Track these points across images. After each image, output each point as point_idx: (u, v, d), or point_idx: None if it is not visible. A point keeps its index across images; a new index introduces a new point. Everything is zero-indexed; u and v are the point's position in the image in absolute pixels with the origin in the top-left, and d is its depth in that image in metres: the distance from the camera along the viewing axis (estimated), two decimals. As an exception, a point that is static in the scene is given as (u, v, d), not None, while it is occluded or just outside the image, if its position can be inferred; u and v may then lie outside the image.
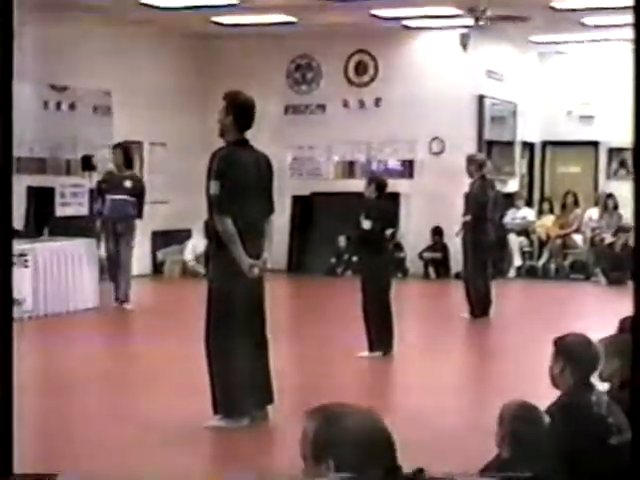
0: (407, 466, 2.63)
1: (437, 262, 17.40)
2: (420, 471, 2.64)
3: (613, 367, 4.77)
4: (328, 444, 2.44)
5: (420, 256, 17.44)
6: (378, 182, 10.25)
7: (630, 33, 2.93)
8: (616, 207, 17.80)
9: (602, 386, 4.76)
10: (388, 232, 10.28)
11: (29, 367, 9.21)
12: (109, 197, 13.24)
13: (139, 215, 13.52)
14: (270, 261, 7.31)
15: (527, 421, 4.16)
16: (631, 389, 2.93)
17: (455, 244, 14.37)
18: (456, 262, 16.08)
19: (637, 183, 2.91)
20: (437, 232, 17.38)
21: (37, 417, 7.41)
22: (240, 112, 7.19)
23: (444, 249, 17.28)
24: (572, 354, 4.51)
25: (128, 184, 13.35)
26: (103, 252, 13.45)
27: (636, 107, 2.78)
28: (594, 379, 4.65)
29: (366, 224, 9.97)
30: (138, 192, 13.55)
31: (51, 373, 9.37)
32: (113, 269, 13.32)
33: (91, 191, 14.73)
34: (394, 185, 13.84)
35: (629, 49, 2.94)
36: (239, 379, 7.03)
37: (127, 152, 13.62)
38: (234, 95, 7.32)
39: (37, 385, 8.75)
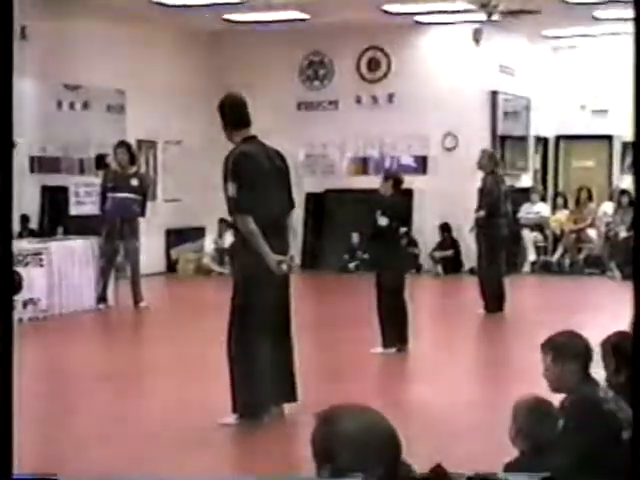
0: (417, 462, 2.62)
1: (447, 259, 17.36)
2: (439, 466, 2.62)
3: (614, 366, 4.78)
4: (326, 449, 2.43)
5: (431, 256, 17.41)
6: (395, 179, 10.24)
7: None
8: (631, 203, 17.73)
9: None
10: (403, 230, 10.28)
11: (41, 366, 9.25)
12: (113, 195, 13.16)
13: (143, 213, 13.48)
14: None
15: (541, 416, 4.16)
16: (632, 387, 2.92)
17: (467, 240, 14.35)
18: (468, 258, 16.07)
19: (638, 176, 2.90)
20: (445, 229, 17.35)
21: (49, 416, 7.43)
22: (231, 112, 7.26)
23: (454, 245, 17.25)
24: (569, 352, 4.46)
25: (134, 182, 13.30)
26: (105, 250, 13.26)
27: (637, 101, 2.77)
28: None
29: (383, 221, 9.95)
30: (144, 190, 13.54)
31: (65, 372, 9.39)
32: (106, 267, 13.12)
33: (104, 190, 14.75)
34: (407, 181, 13.78)
35: (633, 43, 2.93)
36: (260, 377, 7.00)
37: (130, 150, 13.59)
38: (222, 99, 7.42)
39: (51, 384, 8.78)
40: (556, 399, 4.44)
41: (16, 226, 13.78)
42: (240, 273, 7.25)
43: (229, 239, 14.62)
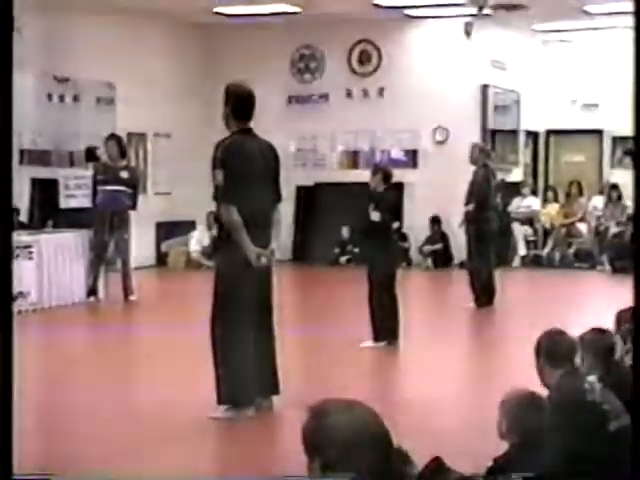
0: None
1: (437, 253, 17.37)
2: (435, 459, 2.63)
3: (590, 362, 4.86)
4: (315, 443, 2.44)
5: (420, 251, 17.42)
6: (384, 173, 10.19)
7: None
8: (620, 197, 17.76)
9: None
10: (395, 225, 10.27)
11: (31, 360, 9.23)
12: (103, 188, 13.14)
13: (134, 206, 13.45)
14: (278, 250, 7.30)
15: (532, 409, 4.16)
16: (633, 385, 2.93)
17: (457, 233, 14.35)
18: (458, 251, 16.07)
19: (638, 172, 2.89)
20: (435, 221, 17.36)
21: (40, 410, 7.42)
22: (237, 103, 7.22)
23: (443, 238, 17.26)
24: (546, 350, 4.61)
25: (124, 175, 13.27)
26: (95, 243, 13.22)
27: (636, 96, 2.77)
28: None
29: (375, 216, 9.93)
30: (134, 183, 13.51)
31: (53, 365, 9.38)
32: (96, 261, 13.10)
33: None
34: (398, 175, 13.81)
35: (632, 37, 2.93)
36: (244, 369, 7.02)
37: (120, 143, 13.57)
38: (232, 86, 7.38)
39: (39, 378, 8.76)
40: (542, 392, 4.46)
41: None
42: (221, 264, 7.26)
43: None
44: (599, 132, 19.71)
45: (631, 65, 2.87)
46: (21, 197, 14.48)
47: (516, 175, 19.27)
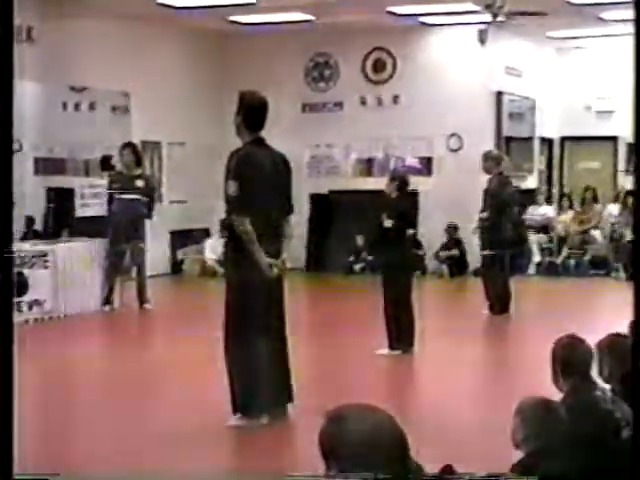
0: (423, 463, 2.63)
1: (453, 260, 17.33)
2: (447, 467, 2.63)
3: (609, 367, 4.85)
4: (332, 448, 2.44)
5: (436, 256, 17.38)
6: (401, 180, 10.22)
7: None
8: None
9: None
10: (410, 232, 10.28)
11: (46, 367, 9.26)
12: (119, 197, 13.16)
13: (149, 215, 13.46)
14: (289, 260, 7.32)
15: (550, 416, 4.15)
16: (632, 387, 2.93)
17: (473, 241, 14.33)
18: (474, 259, 16.04)
19: (638, 177, 2.89)
20: (452, 228, 17.30)
21: (57, 417, 7.44)
22: (249, 112, 7.21)
23: (459, 245, 17.22)
24: (561, 357, 4.61)
25: (140, 183, 13.28)
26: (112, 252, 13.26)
27: (637, 101, 2.76)
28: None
29: (388, 223, 9.94)
30: (149, 191, 13.53)
31: (69, 373, 9.40)
32: (112, 270, 13.15)
33: (110, 191, 14.76)
34: (412, 182, 13.81)
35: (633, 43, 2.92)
36: (258, 377, 7.04)
37: (136, 151, 13.58)
38: (244, 95, 7.36)
39: (54, 385, 8.79)
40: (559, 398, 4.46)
41: (21, 228, 13.82)
42: (232, 274, 7.27)
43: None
44: (614, 139, 19.67)
45: (632, 71, 2.86)
46: (36, 206, 14.53)
47: (531, 182, 19.24)
